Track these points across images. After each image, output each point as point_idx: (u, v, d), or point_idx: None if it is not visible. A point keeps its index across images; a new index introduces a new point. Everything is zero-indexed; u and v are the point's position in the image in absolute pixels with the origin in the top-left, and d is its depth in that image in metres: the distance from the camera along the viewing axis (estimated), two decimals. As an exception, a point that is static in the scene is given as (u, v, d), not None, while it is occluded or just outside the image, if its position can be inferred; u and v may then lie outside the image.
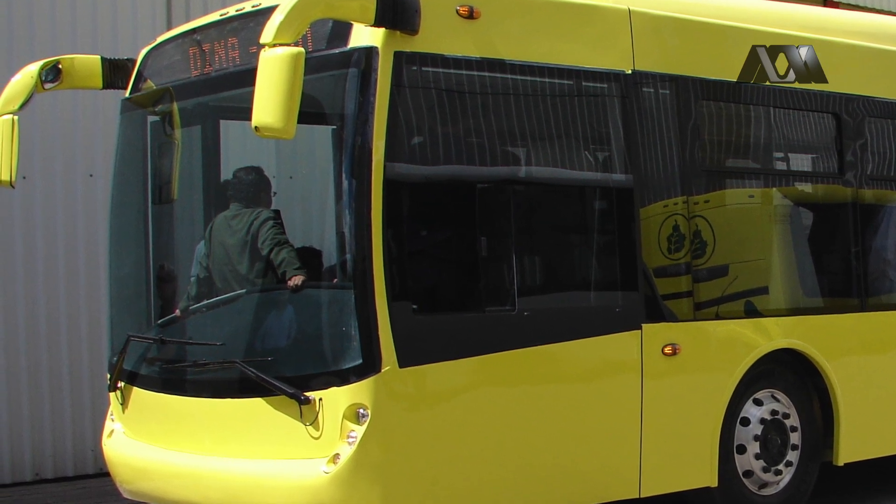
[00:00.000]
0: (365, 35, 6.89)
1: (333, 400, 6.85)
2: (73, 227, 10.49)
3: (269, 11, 6.67)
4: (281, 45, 6.36)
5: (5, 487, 10.11)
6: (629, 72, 7.86)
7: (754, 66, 8.44)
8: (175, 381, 7.70)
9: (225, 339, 7.52)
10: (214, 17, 7.92)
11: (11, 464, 10.24)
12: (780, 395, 8.45)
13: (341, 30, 6.96)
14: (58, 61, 8.23)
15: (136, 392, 7.92)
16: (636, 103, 7.87)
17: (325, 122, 7.70)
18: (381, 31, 6.87)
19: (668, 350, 7.84)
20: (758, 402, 8.34)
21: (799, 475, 8.50)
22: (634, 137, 7.85)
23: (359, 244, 6.82)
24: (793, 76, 8.63)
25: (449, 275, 7.36)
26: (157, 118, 8.29)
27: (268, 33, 6.40)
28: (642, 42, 7.92)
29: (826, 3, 14.62)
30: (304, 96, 6.40)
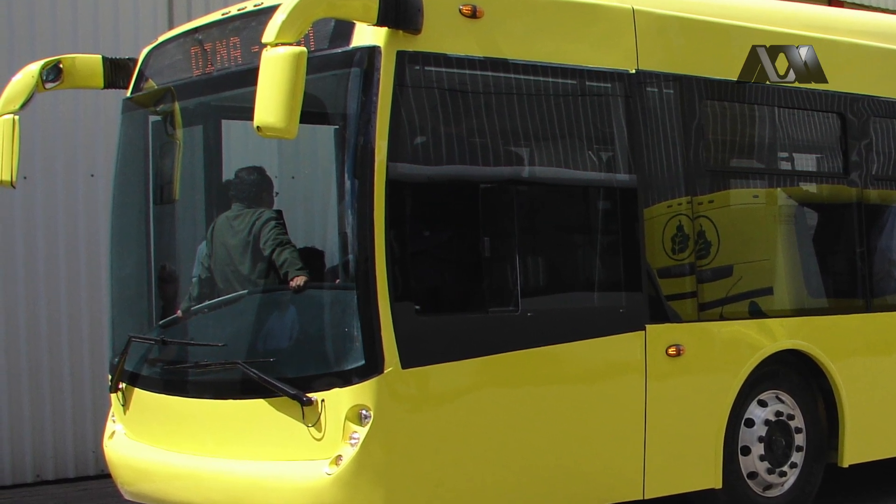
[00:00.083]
0: (367, 34, 6.87)
1: (336, 401, 6.83)
2: (75, 227, 10.47)
3: (271, 11, 6.65)
4: (283, 44, 6.34)
5: (6, 489, 10.10)
6: (633, 71, 7.83)
7: (754, 66, 8.41)
8: (177, 382, 7.69)
9: (227, 339, 7.50)
10: (216, 16, 7.90)
11: (12, 465, 10.23)
12: (784, 396, 8.42)
13: (344, 29, 6.95)
14: (59, 61, 8.22)
15: (138, 393, 7.91)
16: (640, 103, 7.85)
17: (328, 122, 7.69)
18: (383, 30, 6.85)
19: (671, 351, 7.82)
20: (762, 404, 8.31)
21: (804, 477, 8.47)
22: (638, 137, 7.83)
23: (361, 244, 6.79)
24: (793, 76, 8.60)
25: (452, 275, 7.33)
26: (158, 118, 8.27)
27: (270, 33, 6.38)
28: (646, 41, 7.90)
29: (831, 3, 14.57)
30: (307, 96, 6.39)
